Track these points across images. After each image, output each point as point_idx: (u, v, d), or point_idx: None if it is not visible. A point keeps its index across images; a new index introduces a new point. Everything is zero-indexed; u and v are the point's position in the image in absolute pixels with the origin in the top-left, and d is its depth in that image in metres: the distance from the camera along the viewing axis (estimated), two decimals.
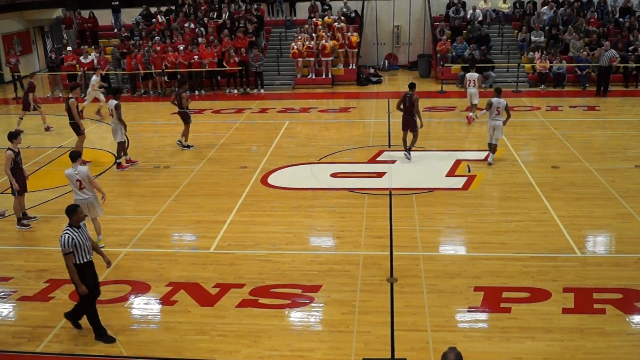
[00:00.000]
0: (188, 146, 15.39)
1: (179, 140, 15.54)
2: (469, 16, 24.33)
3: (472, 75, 17.07)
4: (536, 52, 21.93)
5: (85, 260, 7.20)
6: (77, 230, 7.13)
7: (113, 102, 13.61)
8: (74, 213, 7.17)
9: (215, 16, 24.94)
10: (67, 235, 7.03)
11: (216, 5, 25.66)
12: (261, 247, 9.82)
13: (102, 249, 8.81)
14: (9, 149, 10.64)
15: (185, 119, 15.21)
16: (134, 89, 22.70)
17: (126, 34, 24.39)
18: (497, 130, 13.18)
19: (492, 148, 13.45)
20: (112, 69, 23.11)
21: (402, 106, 13.66)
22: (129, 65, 22.24)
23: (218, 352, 7.19)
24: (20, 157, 10.94)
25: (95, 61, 22.35)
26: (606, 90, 20.22)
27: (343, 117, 18.74)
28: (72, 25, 25.84)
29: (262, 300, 8.26)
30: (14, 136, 10.78)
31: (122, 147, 14.00)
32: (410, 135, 13.82)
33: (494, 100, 13.11)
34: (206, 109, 19.85)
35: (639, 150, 14.22)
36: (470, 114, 17.16)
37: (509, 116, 13.32)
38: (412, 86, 13.71)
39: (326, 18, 24.32)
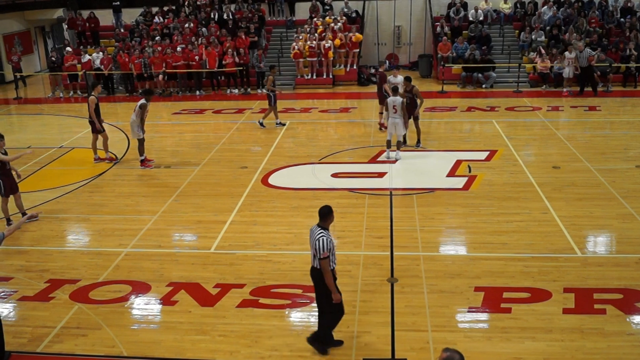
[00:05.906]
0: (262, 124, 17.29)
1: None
2: (470, 16, 24.32)
3: (570, 55, 20.14)
4: (536, 52, 21.95)
5: (334, 266, 6.89)
6: (330, 234, 6.77)
7: (142, 101, 13.82)
8: (330, 215, 6.80)
9: (216, 16, 24.95)
10: (325, 238, 6.63)
11: (217, 6, 25.66)
12: (262, 247, 9.82)
13: None
14: None
15: (269, 100, 17.05)
16: (133, 89, 22.68)
17: (126, 35, 24.39)
18: (398, 128, 13.72)
19: (396, 145, 14.01)
20: (114, 68, 23.11)
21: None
22: (125, 66, 22.22)
23: (218, 353, 7.19)
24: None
25: (99, 61, 22.40)
26: (595, 90, 20.22)
27: (344, 117, 18.73)
28: (77, 26, 25.84)
29: (262, 301, 8.26)
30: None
31: (141, 144, 14.03)
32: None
33: (390, 99, 13.74)
34: (207, 109, 19.85)
35: None
36: (565, 89, 20.39)
37: (405, 113, 13.78)
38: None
39: (327, 18, 24.33)
